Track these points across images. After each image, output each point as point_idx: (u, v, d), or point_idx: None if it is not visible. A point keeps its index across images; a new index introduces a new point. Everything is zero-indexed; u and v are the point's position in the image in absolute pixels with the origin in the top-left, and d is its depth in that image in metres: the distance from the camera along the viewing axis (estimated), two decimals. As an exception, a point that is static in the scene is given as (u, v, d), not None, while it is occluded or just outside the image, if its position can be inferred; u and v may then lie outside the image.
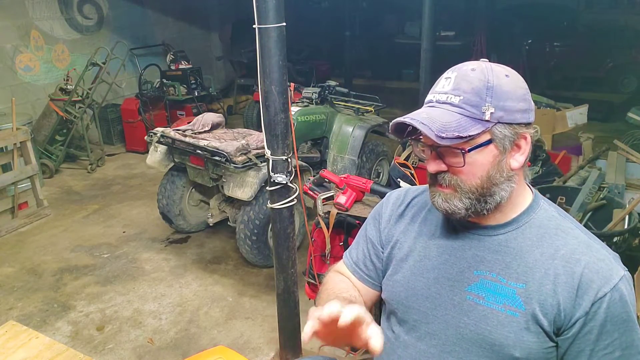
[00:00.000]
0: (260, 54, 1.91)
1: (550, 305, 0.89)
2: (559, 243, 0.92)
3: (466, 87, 0.88)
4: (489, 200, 0.92)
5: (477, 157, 0.89)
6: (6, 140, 4.05)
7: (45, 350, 1.67)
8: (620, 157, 3.46)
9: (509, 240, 0.95)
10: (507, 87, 0.89)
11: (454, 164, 0.90)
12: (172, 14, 7.52)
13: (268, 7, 1.84)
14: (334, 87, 4.45)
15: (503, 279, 0.93)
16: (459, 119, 0.87)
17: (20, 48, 5.51)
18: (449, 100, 0.89)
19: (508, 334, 0.91)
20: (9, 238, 3.99)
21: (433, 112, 0.89)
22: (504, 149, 0.90)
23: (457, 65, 0.93)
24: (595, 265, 0.88)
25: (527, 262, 0.92)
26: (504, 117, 0.88)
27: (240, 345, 2.73)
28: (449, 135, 0.85)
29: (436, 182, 0.94)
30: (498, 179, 0.91)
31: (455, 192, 0.92)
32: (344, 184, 2.26)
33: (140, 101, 5.95)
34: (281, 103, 1.99)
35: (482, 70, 0.90)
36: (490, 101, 0.87)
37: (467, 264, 0.97)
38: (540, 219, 0.96)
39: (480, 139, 0.88)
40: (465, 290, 0.96)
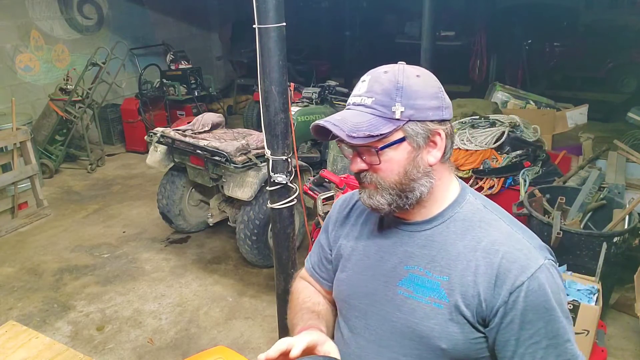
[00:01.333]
0: (260, 54, 1.91)
1: (471, 296, 0.91)
2: (481, 235, 0.95)
3: (377, 89, 0.93)
4: (409, 196, 0.96)
5: (392, 154, 0.93)
6: (6, 140, 4.05)
7: (45, 350, 1.67)
8: (620, 157, 3.46)
9: (434, 235, 0.98)
10: (417, 86, 0.93)
11: (371, 162, 0.95)
12: (172, 14, 7.52)
13: (268, 7, 1.84)
14: (334, 87, 4.45)
15: (429, 272, 0.96)
16: (370, 119, 0.91)
17: (20, 48, 5.51)
18: (363, 102, 0.94)
19: (434, 326, 0.94)
20: (9, 238, 3.99)
21: (347, 114, 0.95)
22: (417, 145, 0.94)
23: (373, 69, 0.97)
24: (513, 255, 0.90)
25: (450, 255, 0.95)
26: (414, 115, 0.92)
27: (240, 345, 2.73)
28: (359, 134, 0.90)
29: (360, 180, 0.99)
30: (415, 175, 0.95)
31: (377, 189, 0.96)
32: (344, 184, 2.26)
33: (140, 101, 5.95)
34: (281, 103, 1.99)
35: (394, 72, 0.94)
36: (400, 100, 0.91)
37: (399, 260, 1.01)
38: (465, 212, 0.98)
39: (392, 137, 0.92)
40: (397, 285, 1.00)
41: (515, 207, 2.95)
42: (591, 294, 2.26)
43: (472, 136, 3.58)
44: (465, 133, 3.62)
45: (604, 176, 3.16)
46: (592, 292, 2.26)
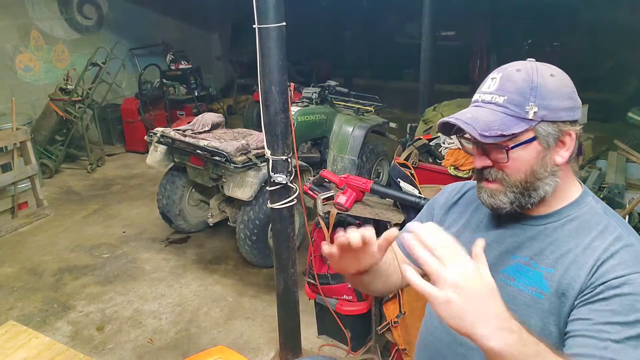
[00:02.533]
0: (260, 53, 1.91)
1: (572, 289, 0.91)
2: (596, 238, 0.94)
3: (510, 87, 0.92)
4: (532, 195, 0.96)
5: (521, 153, 0.93)
6: (6, 140, 4.05)
7: (45, 351, 1.67)
8: (620, 157, 3.46)
9: (547, 230, 0.99)
10: (551, 86, 0.92)
11: (498, 159, 0.95)
12: (172, 14, 7.52)
13: (268, 7, 1.84)
14: (334, 87, 4.45)
15: (535, 264, 0.97)
16: (502, 118, 0.91)
17: (20, 48, 5.51)
18: (494, 100, 0.93)
19: (530, 315, 0.95)
20: (9, 238, 3.99)
21: (478, 111, 0.94)
22: (547, 145, 0.93)
23: (504, 66, 0.97)
24: (623, 256, 0.89)
25: (560, 251, 0.95)
26: (547, 115, 0.91)
27: (240, 345, 2.73)
28: (492, 133, 0.90)
29: (482, 177, 0.99)
30: (542, 174, 0.95)
31: (501, 186, 0.96)
32: (344, 184, 2.26)
33: (140, 101, 5.96)
34: (281, 103, 1.99)
35: (527, 70, 0.93)
36: (534, 100, 0.91)
37: (506, 249, 1.02)
38: (584, 214, 0.98)
39: (523, 136, 0.92)
40: (500, 272, 1.00)
41: (515, 207, 2.94)
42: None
43: (472, 136, 3.57)
44: (465, 133, 3.61)
45: (604, 176, 3.15)
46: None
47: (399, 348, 2.11)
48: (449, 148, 3.69)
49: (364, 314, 2.42)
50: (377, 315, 2.36)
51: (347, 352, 2.56)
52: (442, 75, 7.39)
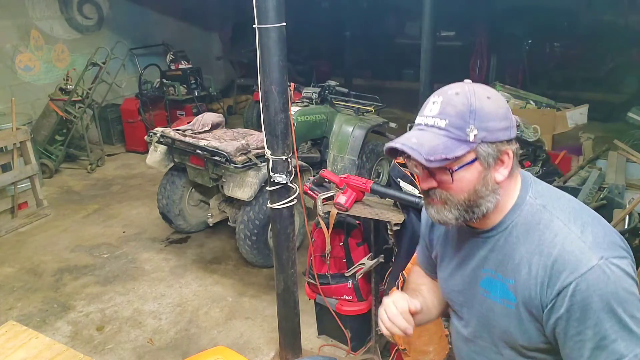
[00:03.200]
0: (260, 54, 1.91)
1: (532, 298, 0.98)
2: (540, 238, 0.99)
3: (451, 111, 0.95)
4: (475, 211, 1.00)
5: (464, 174, 0.97)
6: (6, 140, 4.05)
7: (45, 351, 1.67)
8: (620, 157, 3.46)
9: (500, 240, 1.04)
10: (488, 108, 0.95)
11: (443, 181, 0.99)
12: (172, 14, 7.52)
13: (268, 7, 1.84)
14: (334, 87, 4.45)
15: (500, 275, 1.04)
16: (445, 142, 0.94)
17: (20, 48, 5.51)
18: (436, 124, 0.96)
19: (509, 324, 1.03)
20: (9, 238, 3.99)
21: (422, 135, 0.97)
22: (488, 165, 0.97)
23: (443, 89, 1.00)
24: (564, 257, 0.94)
25: (514, 260, 1.01)
26: (487, 136, 0.95)
27: (240, 346, 2.73)
28: (436, 158, 0.93)
29: (428, 196, 1.04)
30: (484, 192, 0.99)
31: (445, 205, 1.01)
32: (344, 184, 2.26)
33: (140, 101, 5.95)
34: (281, 103, 1.99)
35: (465, 94, 0.96)
36: (473, 123, 0.94)
37: (477, 263, 1.09)
38: (525, 215, 1.02)
39: (465, 158, 0.96)
40: (478, 285, 1.09)
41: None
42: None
43: (472, 136, 3.57)
44: (465, 133, 3.62)
45: (604, 176, 3.15)
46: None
47: (399, 348, 2.10)
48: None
49: (364, 314, 2.42)
50: (377, 315, 2.36)
51: (347, 352, 2.56)
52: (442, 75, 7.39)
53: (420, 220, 1.36)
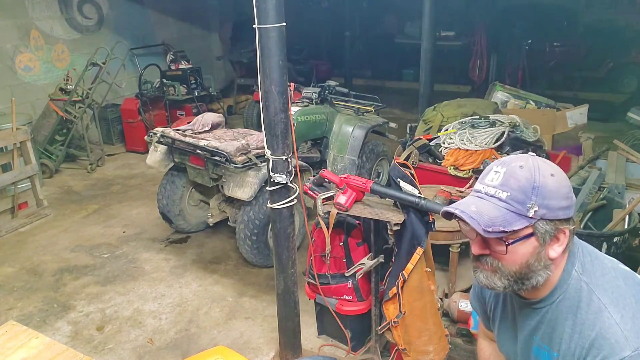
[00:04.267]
0: (260, 54, 1.91)
1: None
2: (582, 317, 1.00)
3: (514, 184, 0.96)
4: (525, 283, 1.02)
5: (519, 247, 0.98)
6: (6, 140, 4.05)
7: (45, 350, 1.67)
8: (620, 157, 3.46)
9: (549, 313, 1.06)
10: (551, 186, 0.96)
11: (497, 251, 1.00)
12: (172, 14, 7.52)
13: (268, 7, 1.84)
14: (334, 87, 4.45)
15: (546, 347, 1.07)
16: (504, 214, 0.95)
17: (20, 48, 5.51)
18: (497, 195, 0.97)
19: None
20: (9, 238, 3.99)
21: (482, 205, 0.98)
22: (543, 241, 0.98)
23: (506, 159, 1.01)
24: (601, 340, 0.96)
25: (560, 334, 1.03)
26: (546, 214, 0.96)
27: (240, 345, 2.73)
28: (494, 229, 0.94)
29: (478, 261, 1.05)
30: (536, 267, 1.00)
31: (496, 273, 1.02)
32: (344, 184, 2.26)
33: (140, 101, 5.95)
34: (281, 103, 1.99)
35: (530, 168, 0.97)
36: (535, 200, 0.95)
37: (529, 331, 1.12)
38: (571, 292, 1.03)
39: (522, 232, 0.97)
40: (531, 352, 1.12)
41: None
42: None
43: (472, 136, 3.58)
44: (466, 133, 3.62)
45: (604, 176, 3.16)
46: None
47: (399, 348, 2.10)
48: (449, 148, 3.70)
49: (364, 314, 2.42)
50: (377, 315, 2.36)
51: (347, 352, 2.56)
52: (442, 76, 7.39)
53: (419, 220, 1.37)
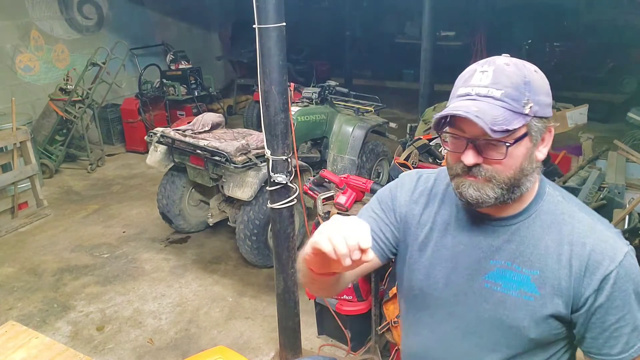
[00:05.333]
0: (260, 54, 1.91)
1: (564, 288, 0.95)
2: (566, 228, 0.97)
3: (506, 81, 0.89)
4: (516, 191, 0.95)
5: (515, 150, 0.91)
6: (6, 140, 4.05)
7: (45, 351, 1.67)
8: (620, 157, 3.46)
9: (521, 229, 0.99)
10: (539, 81, 0.92)
11: (494, 156, 0.92)
12: (172, 14, 7.52)
13: (268, 7, 1.84)
14: (334, 87, 4.45)
15: (518, 267, 0.98)
16: (503, 113, 0.88)
17: (20, 48, 5.50)
18: (491, 94, 0.90)
19: (524, 317, 0.97)
20: (9, 238, 3.99)
21: (480, 105, 0.89)
22: (535, 141, 0.93)
23: (489, 59, 0.94)
24: (600, 246, 0.94)
25: (539, 250, 0.97)
26: (538, 111, 0.91)
27: (240, 346, 2.73)
28: (499, 128, 0.87)
29: (468, 173, 0.95)
30: (528, 171, 0.94)
31: (489, 183, 0.94)
32: (344, 184, 2.26)
33: (140, 101, 5.95)
34: (281, 103, 1.99)
35: (516, 64, 0.92)
36: (529, 96, 0.89)
37: (483, 254, 1.02)
38: (548, 205, 1.00)
39: (519, 132, 0.90)
40: (483, 278, 1.02)
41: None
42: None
43: (472, 136, 3.58)
44: (465, 133, 3.62)
45: (604, 176, 3.15)
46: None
47: (399, 348, 2.11)
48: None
49: (364, 314, 2.42)
50: (377, 315, 2.36)
51: (347, 352, 2.56)
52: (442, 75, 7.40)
53: None
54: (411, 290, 1.13)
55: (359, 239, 0.78)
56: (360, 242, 0.77)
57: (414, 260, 1.11)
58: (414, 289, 1.12)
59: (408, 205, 1.13)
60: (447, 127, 0.95)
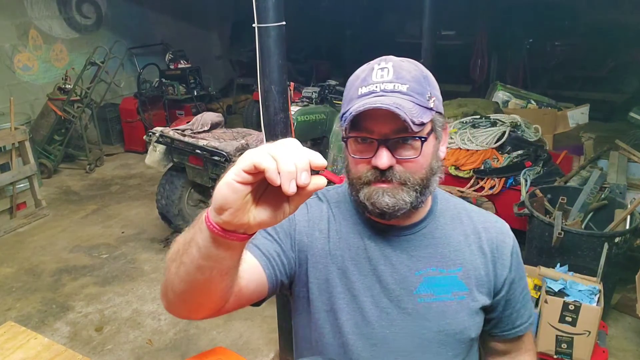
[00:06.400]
0: (260, 53, 1.90)
1: (484, 276, 0.97)
2: (465, 219, 1.00)
3: (407, 76, 0.85)
4: (426, 192, 0.89)
5: (426, 147, 0.86)
6: (4, 140, 4.03)
7: (44, 351, 1.66)
8: (621, 157, 3.45)
9: (431, 232, 0.96)
10: (432, 77, 0.90)
11: (407, 155, 0.85)
12: (172, 13, 7.50)
13: (268, 6, 1.83)
14: (334, 86, 4.44)
15: (443, 270, 0.95)
16: (413, 107, 0.82)
17: (18, 47, 5.49)
18: (398, 89, 0.83)
19: (464, 318, 0.95)
20: (7, 238, 3.98)
21: (392, 99, 0.81)
22: (439, 138, 0.90)
23: (383, 57, 0.89)
24: (497, 227, 1.01)
25: (453, 246, 0.97)
26: (438, 106, 0.88)
27: (240, 346, 2.72)
28: (417, 121, 0.80)
29: (381, 179, 0.86)
30: (436, 169, 0.90)
31: (403, 186, 0.86)
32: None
33: (139, 101, 5.93)
34: (281, 103, 1.98)
35: (410, 61, 0.89)
36: (430, 90, 0.86)
37: (407, 268, 0.94)
38: (444, 203, 1.02)
39: (427, 127, 0.86)
40: (413, 294, 0.93)
41: (516, 207, 2.94)
42: (593, 295, 2.25)
43: (473, 136, 3.57)
44: (466, 133, 3.61)
45: (606, 176, 3.14)
46: (593, 293, 2.25)
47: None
48: (449, 148, 3.68)
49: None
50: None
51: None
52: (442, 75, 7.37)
53: None
54: (339, 337, 0.95)
55: (310, 155, 0.58)
56: (311, 158, 0.58)
57: (327, 299, 0.95)
58: (344, 335, 0.95)
59: (308, 233, 0.98)
60: (350, 132, 0.86)
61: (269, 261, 0.93)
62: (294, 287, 1.00)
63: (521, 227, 3.10)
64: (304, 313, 1.02)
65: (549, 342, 2.25)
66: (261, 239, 0.96)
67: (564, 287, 2.30)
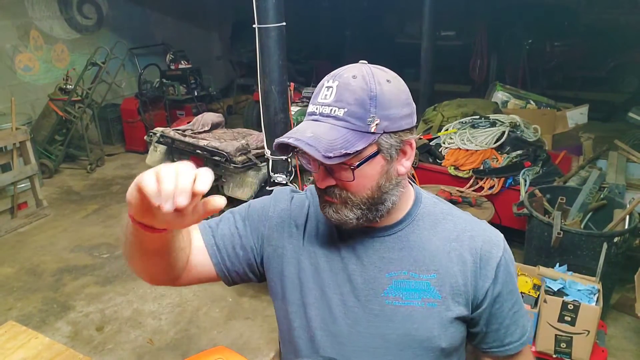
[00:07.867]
0: (260, 53, 1.91)
1: (462, 285, 0.93)
2: (449, 226, 0.96)
3: (349, 98, 0.83)
4: (380, 208, 0.90)
5: (366, 169, 0.85)
6: (5, 140, 4.04)
7: (45, 351, 1.67)
8: (620, 157, 3.45)
9: (407, 235, 0.95)
10: (389, 94, 0.84)
11: (343, 178, 0.86)
12: (172, 14, 7.51)
13: (268, 7, 1.84)
14: (334, 86, 4.44)
15: (415, 274, 0.93)
16: (344, 134, 0.82)
17: (19, 48, 5.50)
18: (333, 114, 0.83)
19: (433, 326, 0.92)
20: (9, 238, 3.99)
21: (318, 128, 0.84)
22: (390, 158, 0.87)
23: (338, 72, 0.88)
24: (485, 236, 0.96)
25: (430, 251, 0.94)
26: (389, 126, 0.84)
27: (240, 346, 2.73)
28: (336, 154, 0.81)
29: (326, 194, 0.89)
30: (388, 187, 0.89)
31: (346, 204, 0.88)
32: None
33: (139, 101, 5.94)
34: (281, 103, 1.99)
35: (364, 77, 0.84)
36: (375, 112, 0.82)
37: (377, 269, 0.94)
38: (427, 207, 0.99)
39: (367, 152, 0.84)
40: (381, 296, 0.93)
41: (515, 207, 2.94)
42: (592, 294, 2.25)
43: (473, 136, 3.58)
44: (466, 133, 3.62)
45: (605, 176, 3.15)
46: (592, 293, 2.26)
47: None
48: (449, 148, 3.69)
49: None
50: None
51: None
52: (442, 75, 7.39)
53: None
54: (308, 331, 0.98)
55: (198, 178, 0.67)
56: (197, 183, 0.66)
57: (296, 293, 0.98)
58: (312, 330, 0.97)
59: (281, 228, 1.01)
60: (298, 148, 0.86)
61: (218, 251, 1.00)
62: (268, 280, 1.04)
63: (520, 227, 3.11)
64: (279, 305, 1.03)
65: (548, 342, 2.26)
66: (224, 228, 1.03)
67: (563, 286, 2.31)
